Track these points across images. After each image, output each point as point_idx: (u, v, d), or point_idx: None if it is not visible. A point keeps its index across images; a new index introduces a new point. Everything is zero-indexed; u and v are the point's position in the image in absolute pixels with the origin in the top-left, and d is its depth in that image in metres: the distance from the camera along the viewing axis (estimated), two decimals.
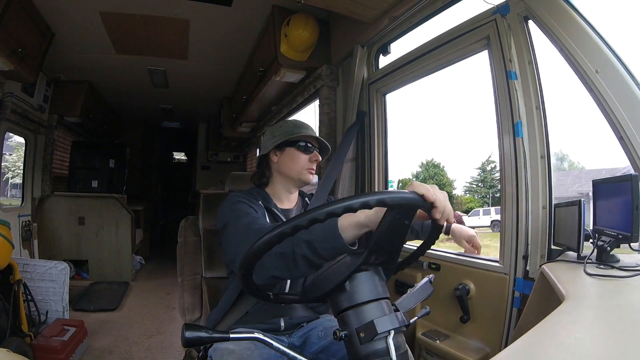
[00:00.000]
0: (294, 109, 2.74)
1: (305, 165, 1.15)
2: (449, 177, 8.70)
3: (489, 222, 5.78)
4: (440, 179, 8.63)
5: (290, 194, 1.21)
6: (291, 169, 1.15)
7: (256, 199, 1.13)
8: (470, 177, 7.79)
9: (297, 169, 1.15)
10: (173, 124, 5.78)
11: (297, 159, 1.15)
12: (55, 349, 1.84)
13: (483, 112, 4.43)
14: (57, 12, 2.25)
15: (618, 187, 0.82)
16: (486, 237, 5.87)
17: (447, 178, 8.68)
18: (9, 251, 1.82)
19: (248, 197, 1.11)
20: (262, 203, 1.13)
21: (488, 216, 5.97)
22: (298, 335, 1.06)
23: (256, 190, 1.19)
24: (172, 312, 2.89)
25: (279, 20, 2.05)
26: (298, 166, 1.15)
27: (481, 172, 7.54)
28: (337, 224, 0.64)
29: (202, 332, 0.57)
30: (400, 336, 0.58)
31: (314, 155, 1.16)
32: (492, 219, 5.71)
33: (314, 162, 1.16)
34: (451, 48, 1.37)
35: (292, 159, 1.15)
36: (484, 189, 7.27)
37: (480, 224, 5.92)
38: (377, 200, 0.50)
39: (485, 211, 6.31)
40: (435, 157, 8.84)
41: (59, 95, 3.32)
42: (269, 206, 1.13)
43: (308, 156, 1.15)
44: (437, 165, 8.82)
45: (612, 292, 0.70)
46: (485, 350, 1.16)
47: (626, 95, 0.87)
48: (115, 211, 3.56)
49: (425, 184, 0.60)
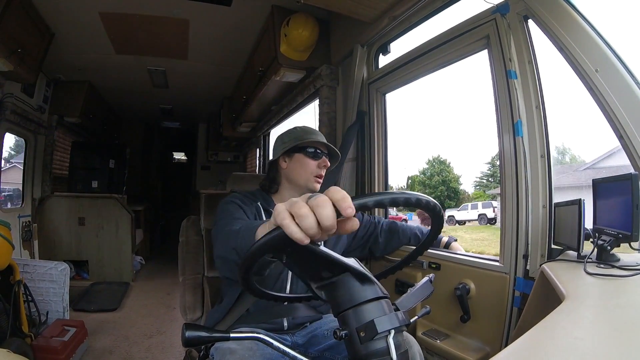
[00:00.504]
0: (294, 108, 2.74)
1: (313, 171, 1.15)
2: (455, 173, 8.86)
3: (476, 215, 6.36)
4: (446, 175, 8.79)
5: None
6: (300, 175, 1.15)
7: (254, 200, 1.13)
8: (480, 172, 7.89)
9: (306, 175, 1.15)
10: (173, 124, 5.78)
11: (305, 165, 1.15)
12: (55, 350, 1.84)
13: (487, 110, 4.43)
14: (56, 12, 2.25)
15: (618, 186, 0.82)
16: (476, 230, 6.02)
17: (454, 174, 8.84)
18: (9, 252, 1.82)
19: (242, 198, 1.11)
20: (261, 204, 1.13)
21: (475, 210, 6.51)
22: (302, 334, 1.07)
23: (259, 192, 1.19)
24: (172, 312, 2.89)
25: (279, 20, 2.05)
26: (307, 172, 1.15)
27: (491, 167, 7.63)
28: (255, 232, 0.62)
29: (202, 332, 0.57)
30: (401, 335, 0.58)
31: (322, 161, 1.15)
32: (479, 213, 6.33)
33: (323, 167, 1.15)
34: (451, 47, 1.37)
35: (301, 165, 1.15)
36: (493, 184, 7.35)
37: (469, 218, 6.45)
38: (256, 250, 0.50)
39: (473, 205, 6.76)
40: (442, 154, 9.03)
41: (59, 96, 3.32)
42: (267, 207, 1.13)
43: (316, 162, 1.15)
44: (443, 162, 8.97)
45: (612, 292, 0.70)
46: (486, 349, 1.16)
47: (626, 95, 0.87)
48: (116, 211, 3.56)
49: (297, 202, 0.45)
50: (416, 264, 1.37)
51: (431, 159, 8.96)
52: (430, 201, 0.56)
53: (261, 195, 1.19)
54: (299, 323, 1.08)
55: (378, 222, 1.33)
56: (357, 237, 1.29)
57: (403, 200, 0.53)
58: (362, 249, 1.32)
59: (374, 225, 1.32)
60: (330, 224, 0.44)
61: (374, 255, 1.37)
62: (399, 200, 0.52)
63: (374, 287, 0.57)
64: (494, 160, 7.66)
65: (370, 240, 1.31)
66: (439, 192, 8.45)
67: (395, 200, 0.52)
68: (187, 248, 1.39)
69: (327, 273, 0.61)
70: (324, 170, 1.16)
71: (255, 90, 2.74)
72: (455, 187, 8.48)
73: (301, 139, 1.15)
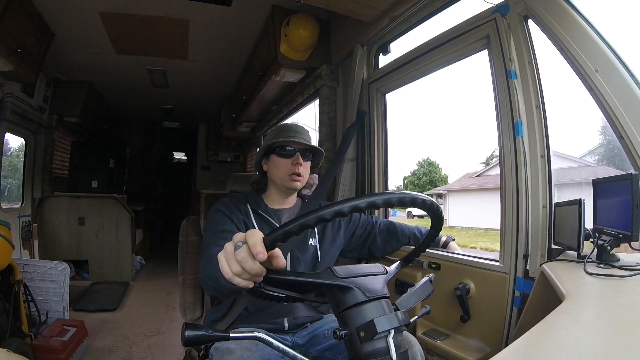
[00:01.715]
0: (294, 108, 2.74)
1: (288, 170, 1.13)
2: (442, 174, 9.27)
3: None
4: (434, 175, 9.17)
5: (285, 199, 1.21)
6: (277, 176, 1.15)
7: (243, 203, 1.14)
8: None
9: (282, 175, 1.14)
10: (173, 124, 5.78)
11: (279, 165, 1.14)
12: (55, 349, 1.84)
13: (480, 110, 4.44)
14: (56, 12, 2.25)
15: (618, 186, 0.82)
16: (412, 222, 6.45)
17: (441, 175, 9.22)
18: (9, 252, 1.82)
19: (230, 205, 1.11)
20: (250, 206, 1.14)
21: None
22: (302, 334, 1.07)
23: (250, 194, 1.20)
24: (172, 312, 2.89)
25: (279, 20, 2.05)
26: (282, 172, 1.14)
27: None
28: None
29: (202, 332, 0.57)
30: (401, 335, 0.58)
31: (295, 159, 1.13)
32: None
33: (296, 165, 1.13)
34: (451, 47, 1.37)
35: (275, 165, 1.15)
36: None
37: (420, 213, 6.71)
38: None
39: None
40: (431, 156, 9.52)
41: (59, 96, 3.32)
42: (257, 209, 1.14)
43: (289, 160, 1.13)
44: (432, 163, 9.36)
45: (612, 292, 0.70)
46: (486, 349, 1.16)
47: (626, 95, 0.86)
48: (116, 211, 3.56)
49: (229, 259, 0.52)
50: (416, 264, 1.37)
51: (421, 161, 9.39)
52: (346, 207, 0.52)
53: (252, 196, 1.19)
54: (300, 323, 1.08)
55: (376, 221, 1.33)
56: (355, 236, 1.29)
57: (346, 209, 0.51)
58: (360, 249, 1.32)
59: (372, 224, 1.32)
60: (255, 272, 0.51)
61: (374, 256, 1.37)
62: (343, 210, 0.51)
63: (354, 292, 0.58)
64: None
65: (369, 240, 1.31)
66: (427, 189, 8.79)
67: (338, 212, 0.51)
68: (187, 248, 1.39)
69: (309, 292, 0.62)
70: (299, 167, 1.13)
71: (255, 90, 2.74)
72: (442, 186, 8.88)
73: (274, 139, 1.15)
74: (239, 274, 0.52)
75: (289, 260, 1.13)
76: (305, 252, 1.15)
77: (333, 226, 1.24)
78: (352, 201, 0.51)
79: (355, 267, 0.62)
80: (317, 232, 1.20)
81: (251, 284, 0.54)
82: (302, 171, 1.14)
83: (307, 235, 1.17)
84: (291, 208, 1.23)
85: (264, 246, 0.50)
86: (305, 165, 1.16)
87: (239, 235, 0.53)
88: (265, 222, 1.14)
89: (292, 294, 0.64)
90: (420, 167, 9.52)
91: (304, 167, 1.15)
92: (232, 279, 0.52)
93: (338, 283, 0.58)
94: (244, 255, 0.50)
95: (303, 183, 1.17)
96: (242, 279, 0.52)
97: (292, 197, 1.23)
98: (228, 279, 0.52)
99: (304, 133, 1.18)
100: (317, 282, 0.59)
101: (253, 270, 0.51)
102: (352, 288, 0.58)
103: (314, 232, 1.19)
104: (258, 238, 0.50)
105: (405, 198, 0.55)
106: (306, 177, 1.18)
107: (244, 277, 0.52)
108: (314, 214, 0.51)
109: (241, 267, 0.51)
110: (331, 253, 1.21)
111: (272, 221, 1.14)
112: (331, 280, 0.59)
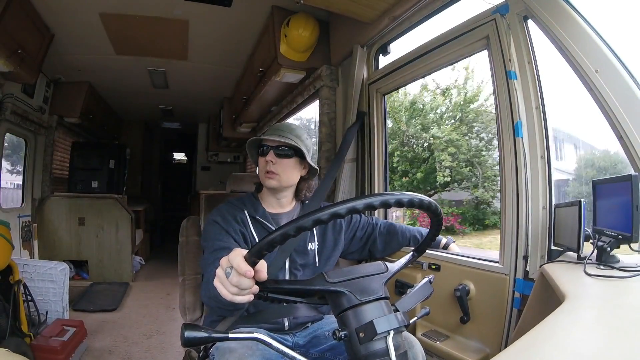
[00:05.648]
0: (294, 109, 2.74)
1: (262, 168, 1.13)
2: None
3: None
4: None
5: (278, 200, 1.20)
6: (259, 176, 1.17)
7: (240, 210, 1.13)
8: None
9: (261, 174, 1.15)
10: (173, 124, 5.78)
11: (259, 164, 1.16)
12: (55, 349, 1.84)
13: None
14: (56, 13, 2.24)
15: (618, 187, 0.82)
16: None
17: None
18: (9, 252, 1.83)
19: (226, 214, 1.10)
20: (247, 212, 1.13)
21: None
22: (303, 335, 1.07)
23: (247, 198, 1.20)
24: (172, 312, 2.89)
25: (279, 20, 2.05)
26: (260, 171, 1.15)
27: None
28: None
29: (201, 332, 0.57)
30: (400, 336, 0.58)
31: (267, 156, 1.11)
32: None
33: (268, 163, 1.11)
34: (451, 48, 1.37)
35: (258, 166, 1.17)
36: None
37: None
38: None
39: None
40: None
41: (59, 96, 3.31)
42: (254, 215, 1.13)
43: (264, 158, 1.13)
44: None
45: (612, 293, 0.70)
46: (485, 350, 1.15)
47: (626, 95, 0.86)
48: (115, 212, 3.56)
49: (223, 282, 0.57)
50: (416, 265, 1.37)
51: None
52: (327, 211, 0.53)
53: (250, 200, 1.18)
54: (300, 323, 1.08)
55: (376, 223, 1.32)
56: (356, 238, 1.29)
57: (307, 224, 0.52)
58: (361, 250, 1.32)
59: (372, 226, 1.31)
60: (246, 287, 0.56)
61: (375, 257, 1.36)
62: (306, 225, 0.52)
63: (349, 296, 0.59)
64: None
65: (369, 242, 1.30)
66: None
67: (318, 221, 0.52)
68: (186, 248, 1.39)
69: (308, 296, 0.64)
70: (270, 165, 1.11)
71: (255, 91, 2.74)
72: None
73: (257, 139, 1.17)
74: (237, 294, 0.57)
75: (287, 266, 1.13)
76: (305, 257, 1.15)
77: (334, 229, 1.23)
78: (331, 208, 0.52)
79: (351, 269, 0.63)
80: (316, 236, 1.19)
81: (252, 296, 0.59)
82: (275, 169, 1.10)
83: (306, 240, 1.16)
84: (290, 212, 1.22)
85: (247, 264, 0.54)
86: (281, 163, 1.11)
87: (224, 262, 0.58)
88: (264, 228, 1.12)
89: (293, 298, 0.64)
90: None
91: (278, 164, 1.11)
92: (234, 299, 0.57)
93: (329, 288, 0.59)
94: (237, 279, 0.55)
95: (280, 182, 1.12)
96: (242, 296, 0.57)
97: (285, 199, 1.20)
98: (229, 300, 0.57)
99: (286, 131, 1.13)
100: (309, 288, 0.60)
101: (249, 287, 0.56)
102: (344, 292, 0.58)
103: (313, 236, 1.18)
104: (240, 258, 0.55)
105: (403, 199, 0.55)
106: (285, 175, 1.12)
107: (244, 294, 0.57)
108: (294, 223, 0.52)
109: (237, 288, 0.56)
110: (331, 256, 1.20)
111: (270, 226, 1.12)
112: (323, 287, 0.60)
